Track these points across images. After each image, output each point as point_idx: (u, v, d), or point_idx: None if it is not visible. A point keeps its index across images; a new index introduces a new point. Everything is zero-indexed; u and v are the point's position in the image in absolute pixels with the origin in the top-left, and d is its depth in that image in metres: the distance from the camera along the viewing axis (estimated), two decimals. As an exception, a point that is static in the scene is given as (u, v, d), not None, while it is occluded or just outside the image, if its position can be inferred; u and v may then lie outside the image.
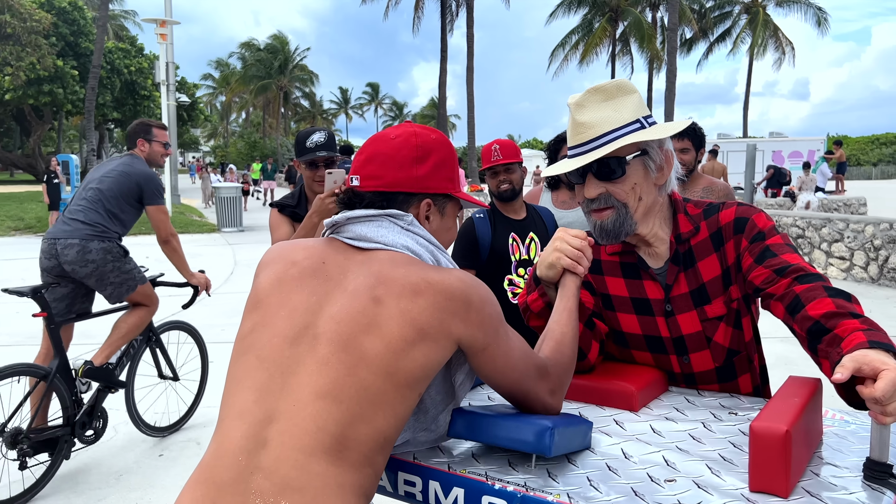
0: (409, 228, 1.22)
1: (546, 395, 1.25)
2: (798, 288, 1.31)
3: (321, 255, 1.20)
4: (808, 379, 1.28)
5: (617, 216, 1.46)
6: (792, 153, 25.77)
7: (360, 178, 1.25)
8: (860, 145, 53.01)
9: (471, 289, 1.14)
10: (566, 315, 1.37)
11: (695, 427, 1.35)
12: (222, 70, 69.03)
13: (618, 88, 1.46)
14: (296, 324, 1.13)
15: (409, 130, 1.27)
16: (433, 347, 1.10)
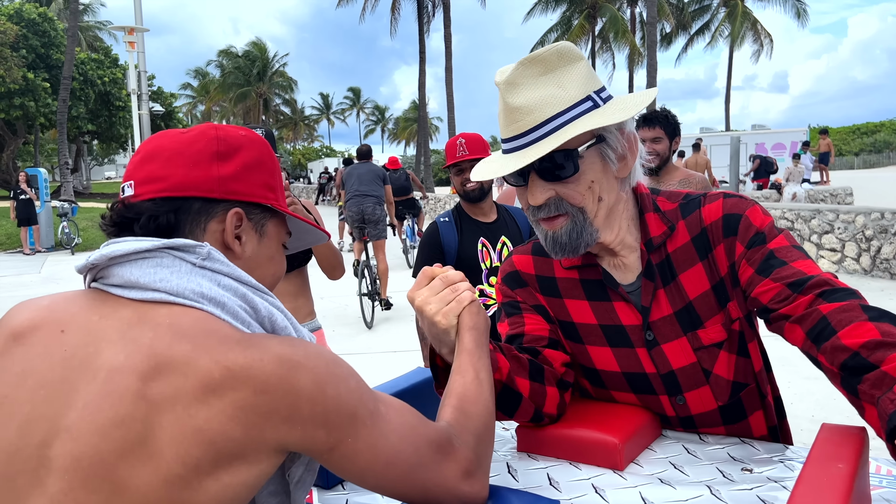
0: (203, 265, 0.81)
1: (458, 482, 0.86)
2: (824, 307, 0.99)
3: (60, 321, 0.80)
4: (850, 430, 0.95)
5: (573, 224, 1.12)
6: (775, 145, 25.68)
7: (134, 183, 0.86)
8: (841, 135, 53.17)
9: (298, 370, 0.75)
10: (465, 358, 0.99)
11: (699, 494, 1.02)
12: (201, 79, 68.38)
13: (559, 56, 1.09)
14: (11, 443, 0.74)
15: (208, 125, 0.90)
16: (237, 470, 0.73)
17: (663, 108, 3.27)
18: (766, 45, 37.62)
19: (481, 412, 0.94)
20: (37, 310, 0.82)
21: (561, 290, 1.27)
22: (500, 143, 1.18)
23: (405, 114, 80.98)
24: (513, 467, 1.15)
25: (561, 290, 1.27)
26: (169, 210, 0.83)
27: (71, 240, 14.54)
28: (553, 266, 1.28)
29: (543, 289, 1.29)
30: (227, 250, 0.87)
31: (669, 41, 37.60)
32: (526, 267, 1.31)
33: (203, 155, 0.86)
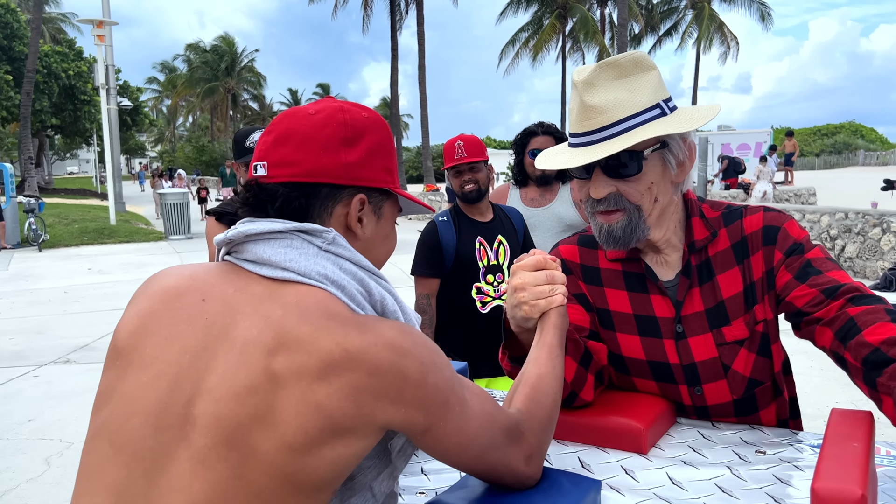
0: (329, 249, 0.89)
1: (520, 464, 0.95)
2: (852, 310, 1.09)
3: (202, 289, 0.88)
4: (858, 414, 1.06)
5: (628, 220, 1.21)
6: (740, 145, 26.18)
7: (267, 164, 0.91)
8: (803, 137, 54.43)
9: (406, 357, 0.82)
10: (545, 353, 1.07)
11: (720, 474, 1.12)
12: (167, 73, 67.24)
13: (634, 64, 1.19)
14: (161, 399, 0.82)
15: (333, 105, 0.95)
16: (350, 441, 0.80)
17: None
18: (733, 46, 38.37)
19: (550, 405, 1.02)
20: (181, 277, 0.90)
21: (603, 280, 1.36)
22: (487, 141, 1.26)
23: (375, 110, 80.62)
24: (546, 452, 1.24)
25: (603, 280, 1.36)
26: (300, 195, 0.90)
27: (38, 236, 14.26)
28: (598, 257, 1.37)
29: (587, 277, 1.38)
30: (349, 231, 0.94)
31: (639, 42, 38.10)
32: (572, 256, 1.40)
33: (332, 141, 0.91)
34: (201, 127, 69.35)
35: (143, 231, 16.89)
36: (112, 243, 15.19)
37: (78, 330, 7.24)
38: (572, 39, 35.88)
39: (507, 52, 36.25)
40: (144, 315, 0.88)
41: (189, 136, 65.27)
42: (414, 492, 1.10)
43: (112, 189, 18.38)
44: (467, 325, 2.79)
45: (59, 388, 5.34)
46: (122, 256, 13.16)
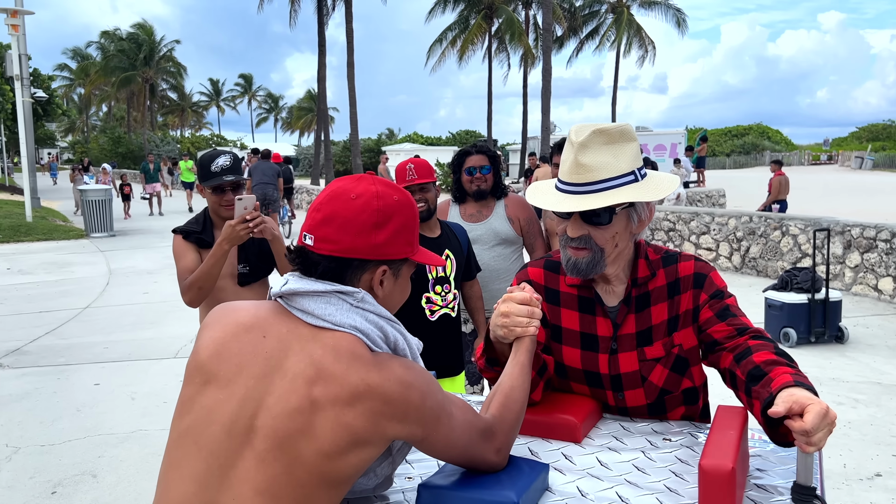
0: (359, 306, 1.17)
1: (492, 455, 1.27)
2: (751, 343, 1.45)
3: (263, 327, 1.16)
4: (735, 408, 1.41)
5: (592, 258, 1.53)
6: (657, 146, 27.36)
7: (314, 238, 1.18)
8: (715, 137, 57.09)
9: (411, 389, 1.12)
10: (517, 370, 1.39)
11: (636, 457, 1.45)
12: (80, 61, 64.30)
13: (621, 134, 1.50)
14: (234, 413, 1.10)
15: (371, 191, 1.20)
16: (368, 449, 1.11)
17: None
18: (650, 51, 39.92)
19: (517, 410, 1.35)
20: (247, 314, 1.19)
21: (561, 301, 1.68)
22: (395, 135, 1.52)
23: (300, 103, 79.48)
24: (512, 446, 1.55)
25: (561, 301, 1.68)
26: (337, 266, 1.18)
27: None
28: (559, 281, 1.68)
29: (548, 297, 1.69)
30: (373, 291, 1.22)
31: (561, 44, 39.15)
32: (537, 277, 1.72)
33: (365, 226, 1.17)
34: (117, 117, 66.69)
35: (63, 228, 16.35)
36: (30, 241, 14.66)
37: (6, 333, 7.12)
38: (498, 40, 36.52)
39: (435, 51, 36.59)
40: (219, 343, 1.16)
41: (103, 127, 62.67)
42: (403, 477, 1.39)
43: (27, 184, 17.68)
44: (417, 330, 3.08)
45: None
46: (42, 255, 12.77)
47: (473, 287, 3.29)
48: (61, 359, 6.21)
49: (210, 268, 2.68)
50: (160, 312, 7.94)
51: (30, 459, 4.13)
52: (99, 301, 8.71)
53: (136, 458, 4.12)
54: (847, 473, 3.74)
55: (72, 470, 3.99)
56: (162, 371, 5.79)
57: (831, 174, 38.41)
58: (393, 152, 40.69)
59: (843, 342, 6.27)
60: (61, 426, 4.65)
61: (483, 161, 3.46)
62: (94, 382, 5.55)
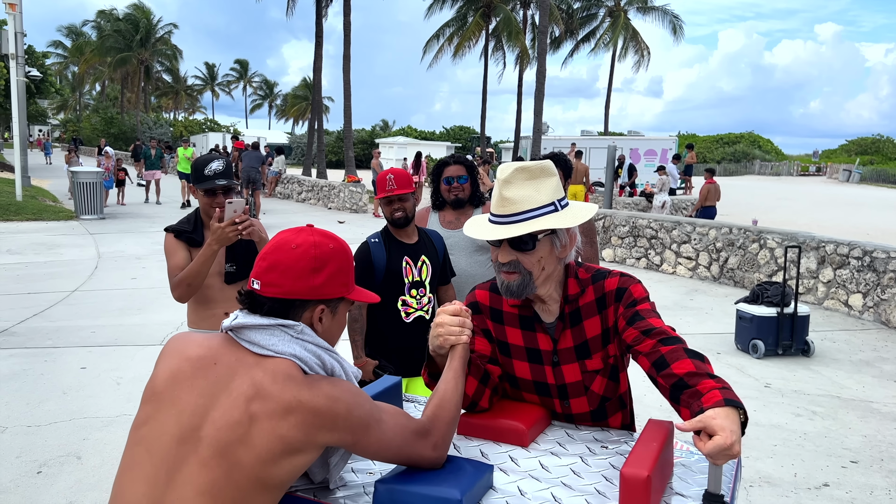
0: (299, 337, 1.36)
1: (429, 452, 1.44)
2: (664, 349, 1.59)
3: (214, 355, 1.35)
4: (662, 423, 1.59)
5: (521, 281, 1.70)
6: (647, 151, 27.63)
7: (261, 283, 1.37)
8: (706, 144, 57.48)
9: (337, 402, 1.29)
10: (451, 374, 1.58)
11: (574, 462, 1.63)
12: (75, 39, 63.84)
13: (541, 171, 1.69)
14: (183, 425, 1.28)
15: (309, 241, 1.39)
16: (300, 457, 1.28)
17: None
18: (646, 56, 40.15)
19: (452, 409, 1.53)
20: (201, 346, 1.38)
21: (504, 320, 1.86)
22: (390, 127, 1.67)
23: (294, 90, 79.18)
24: (456, 445, 1.72)
25: (504, 320, 1.86)
26: (281, 306, 1.37)
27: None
28: (502, 302, 1.86)
29: (493, 316, 1.88)
30: (313, 326, 1.41)
31: (558, 45, 39.31)
32: (484, 299, 1.90)
33: (304, 271, 1.37)
34: (110, 97, 66.28)
35: (53, 209, 16.39)
36: (19, 220, 14.71)
37: (-6, 313, 7.23)
38: (495, 38, 36.63)
39: (432, 46, 36.64)
40: (175, 370, 1.36)
41: (96, 106, 62.26)
42: (365, 472, 1.57)
43: (18, 163, 17.68)
44: (393, 331, 3.25)
45: (-16, 373, 5.45)
46: (31, 235, 12.83)
47: (448, 291, 3.46)
48: (49, 341, 6.34)
49: (199, 266, 2.84)
50: (147, 299, 8.07)
51: (16, 439, 4.28)
52: (87, 285, 8.82)
53: (120, 441, 4.28)
54: (797, 482, 3.95)
55: (57, 451, 4.14)
56: (148, 357, 5.94)
57: (818, 186, 38.86)
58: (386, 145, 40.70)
59: (809, 355, 6.49)
60: (47, 408, 4.80)
61: (460, 171, 3.64)
62: (81, 366, 5.69)
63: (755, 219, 13.79)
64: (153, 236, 13.02)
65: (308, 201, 21.18)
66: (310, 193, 21.18)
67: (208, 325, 3.02)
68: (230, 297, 3.02)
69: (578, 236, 1.79)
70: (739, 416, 1.37)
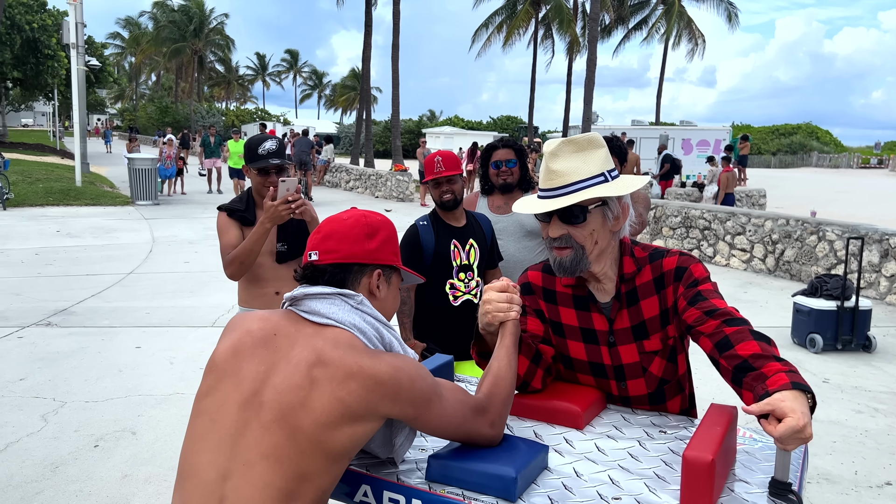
0: (358, 307, 1.37)
1: (486, 429, 1.43)
2: (727, 329, 1.53)
3: (274, 327, 1.36)
4: (726, 407, 1.53)
5: (574, 256, 1.65)
6: (700, 142, 26.97)
7: (318, 252, 1.40)
8: (761, 135, 55.89)
9: (400, 372, 1.29)
10: (503, 352, 1.55)
11: (632, 445, 1.58)
12: (132, 30, 65.51)
13: (588, 142, 1.65)
14: (244, 390, 1.30)
15: (358, 213, 1.45)
16: (361, 424, 1.27)
17: (614, 135, 3.84)
18: (700, 44, 39.19)
19: (506, 386, 1.50)
20: (261, 321, 1.39)
21: (558, 300, 1.81)
22: (437, 117, 1.65)
23: (343, 81, 79.80)
24: (510, 426, 1.69)
25: (558, 300, 1.81)
26: (340, 272, 1.39)
27: (3, 194, 14.20)
28: (556, 282, 1.82)
29: (546, 297, 1.83)
30: (371, 295, 1.42)
31: (609, 33, 38.66)
32: (536, 280, 1.86)
33: (359, 236, 1.41)
34: (165, 87, 67.88)
35: (110, 194, 16.87)
36: (78, 205, 15.19)
37: (55, 293, 7.47)
38: (545, 27, 36.20)
39: (480, 35, 36.44)
40: (236, 343, 1.37)
41: (151, 96, 63.87)
42: (418, 449, 1.54)
43: (78, 150, 18.24)
44: (441, 315, 3.23)
45: (45, 349, 5.64)
46: (90, 220, 13.23)
47: (496, 275, 3.42)
48: (105, 321, 6.52)
49: (252, 244, 2.86)
50: (200, 282, 8.24)
51: (75, 414, 4.41)
52: (142, 267, 9.05)
53: (172, 418, 4.37)
54: (857, 480, 3.80)
55: (113, 426, 4.25)
56: (199, 338, 6.06)
57: (880, 179, 37.40)
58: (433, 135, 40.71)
59: (871, 351, 6.25)
60: (104, 384, 4.93)
61: (509, 155, 3.58)
62: (136, 345, 5.83)
63: (813, 210, 13.34)
64: (205, 221, 13.29)
65: (356, 190, 21.33)
66: (357, 182, 21.33)
67: (259, 304, 3.04)
68: (281, 276, 3.04)
69: (632, 209, 1.73)
70: (808, 401, 1.30)
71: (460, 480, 1.36)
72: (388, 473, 1.43)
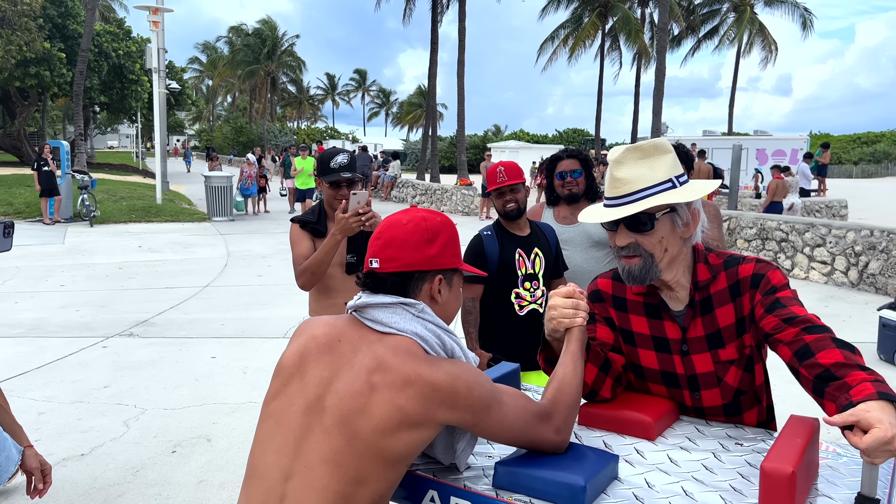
0: (419, 315, 1.38)
1: (551, 435, 1.42)
2: (808, 337, 1.46)
3: (339, 334, 1.40)
4: (807, 419, 1.46)
5: (643, 264, 1.61)
6: (775, 151, 26.04)
7: (379, 260, 1.40)
8: (842, 144, 53.57)
9: (457, 380, 1.30)
10: (569, 358, 1.53)
11: (706, 457, 1.53)
12: (209, 54, 68.30)
13: (654, 148, 1.61)
14: (309, 395, 1.33)
15: (418, 216, 1.43)
16: (418, 431, 1.29)
17: (680, 143, 3.76)
18: (774, 51, 37.99)
19: (572, 392, 1.48)
20: (327, 326, 1.42)
21: (628, 308, 1.78)
22: (502, 132, 1.63)
23: (410, 98, 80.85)
24: (578, 435, 1.66)
25: (628, 308, 1.78)
26: (401, 280, 1.40)
27: (90, 211, 14.96)
28: (626, 290, 1.78)
29: (616, 305, 1.80)
30: (432, 300, 1.43)
31: (678, 43, 37.91)
32: (606, 288, 1.83)
33: (420, 242, 1.41)
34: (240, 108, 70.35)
35: (188, 211, 17.54)
36: (159, 221, 15.86)
37: (136, 305, 7.80)
38: (611, 38, 35.83)
39: (546, 49, 36.34)
40: (302, 347, 1.41)
41: (227, 117, 66.29)
42: (484, 456, 1.53)
43: (159, 169, 19.08)
44: (507, 324, 3.21)
45: (127, 359, 5.89)
46: (169, 235, 13.79)
47: (561, 284, 3.38)
48: (183, 332, 6.77)
49: (323, 255, 2.92)
50: (272, 295, 8.45)
51: (154, 420, 4.58)
52: (217, 281, 9.36)
53: (245, 426, 4.48)
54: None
55: (189, 433, 4.39)
56: (272, 349, 6.21)
57: (974, 188, 35.22)
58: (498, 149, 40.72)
59: (967, 369, 5.87)
60: (181, 393, 5.11)
61: (574, 165, 3.54)
62: (211, 355, 6.03)
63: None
64: (278, 237, 13.65)
65: (422, 204, 21.53)
66: (423, 196, 21.52)
67: (329, 315, 3.10)
68: (351, 287, 3.09)
69: (703, 214, 1.67)
70: None
71: (527, 488, 1.34)
72: (454, 479, 1.43)
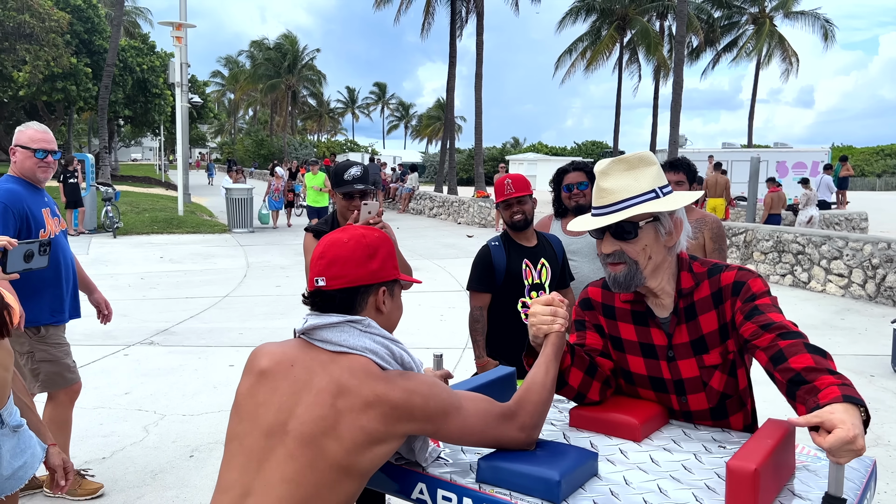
0: (367, 330, 1.47)
1: (515, 433, 1.51)
2: (782, 343, 1.53)
3: (290, 359, 1.47)
4: (782, 422, 1.54)
5: (628, 271, 1.70)
6: (796, 164, 25.86)
7: (326, 278, 1.48)
8: (864, 156, 52.99)
9: (413, 394, 1.40)
10: (542, 360, 1.63)
11: (687, 458, 1.61)
12: (231, 68, 69.29)
13: (639, 160, 1.70)
14: (270, 421, 1.42)
15: (357, 233, 1.52)
16: (383, 446, 1.40)
17: (684, 157, 3.84)
18: (794, 63, 37.77)
19: (539, 391, 1.57)
20: (277, 353, 1.51)
21: (617, 315, 1.86)
22: (520, 144, 1.71)
23: (429, 111, 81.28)
24: (566, 436, 1.75)
25: (617, 315, 1.86)
26: (348, 295, 1.49)
27: (113, 223, 15.26)
28: (614, 298, 1.87)
29: (605, 312, 1.89)
30: (378, 311, 1.52)
31: (697, 56, 37.86)
32: (596, 296, 1.92)
33: (362, 258, 1.49)
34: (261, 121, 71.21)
35: (209, 223, 17.82)
36: (180, 233, 16.13)
37: (157, 315, 7.98)
38: (630, 51, 35.87)
39: (564, 61, 36.46)
40: (255, 381, 1.49)
41: (248, 130, 67.13)
42: (473, 452, 1.63)
43: (181, 181, 19.41)
44: (513, 333, 3.30)
45: (147, 366, 6.04)
46: (190, 247, 14.03)
47: (567, 295, 3.46)
48: (202, 340, 6.92)
49: (333, 265, 3.04)
50: (290, 305, 8.59)
51: (173, 426, 4.71)
52: (237, 291, 9.53)
53: (260, 433, 4.59)
54: (959, 517, 3.57)
55: (207, 438, 4.52)
56: (287, 358, 6.31)
57: None
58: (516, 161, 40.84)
59: (981, 383, 5.83)
60: (200, 399, 5.24)
61: (581, 177, 3.63)
62: (230, 364, 6.16)
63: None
64: (296, 248, 13.83)
65: (439, 216, 21.66)
66: (441, 209, 21.66)
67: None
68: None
69: (686, 224, 1.75)
70: (861, 414, 1.31)
71: (508, 482, 1.44)
72: (442, 473, 1.53)
